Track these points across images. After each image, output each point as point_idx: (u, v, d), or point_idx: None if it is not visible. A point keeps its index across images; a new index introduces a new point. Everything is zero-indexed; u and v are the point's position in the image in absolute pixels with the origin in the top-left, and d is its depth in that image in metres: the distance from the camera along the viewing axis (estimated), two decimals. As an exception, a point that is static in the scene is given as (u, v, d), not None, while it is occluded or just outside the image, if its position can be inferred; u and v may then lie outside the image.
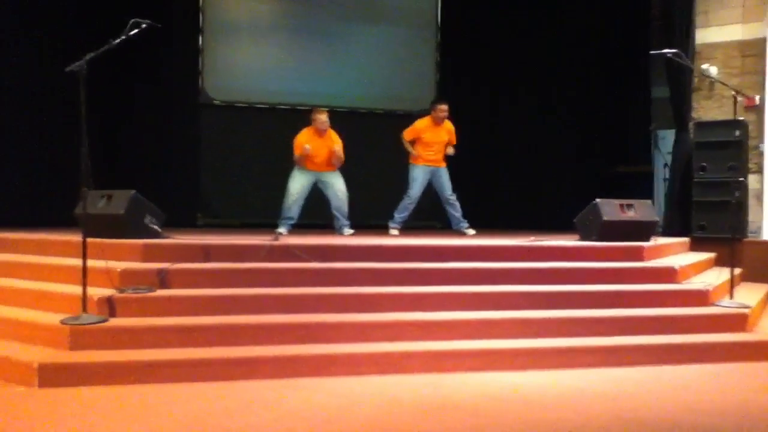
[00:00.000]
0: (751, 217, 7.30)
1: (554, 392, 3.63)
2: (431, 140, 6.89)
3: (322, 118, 6.57)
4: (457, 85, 8.98)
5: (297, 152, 6.54)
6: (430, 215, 8.61)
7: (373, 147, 8.67)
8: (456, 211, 7.00)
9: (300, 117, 6.98)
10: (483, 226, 7.22)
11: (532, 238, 5.72)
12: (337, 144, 6.63)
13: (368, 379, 3.76)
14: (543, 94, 8.79)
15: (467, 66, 9.09)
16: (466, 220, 7.00)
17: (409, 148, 6.90)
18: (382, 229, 7.03)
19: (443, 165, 6.98)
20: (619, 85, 8.49)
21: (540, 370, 4.01)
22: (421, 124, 6.93)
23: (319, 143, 6.58)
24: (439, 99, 7.24)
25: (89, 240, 3.99)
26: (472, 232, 6.92)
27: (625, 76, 8.44)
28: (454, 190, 7.02)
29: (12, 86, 7.35)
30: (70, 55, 4.21)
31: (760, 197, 7.30)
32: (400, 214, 6.97)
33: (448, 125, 6.97)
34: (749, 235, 7.21)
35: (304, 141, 6.54)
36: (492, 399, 3.48)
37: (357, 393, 3.52)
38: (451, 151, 6.93)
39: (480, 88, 8.98)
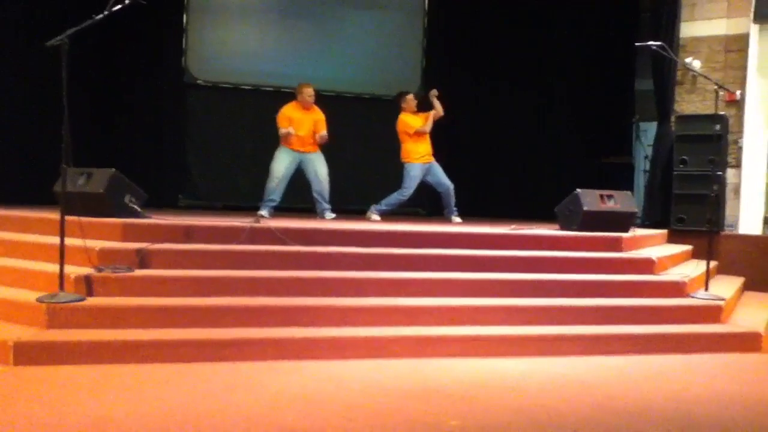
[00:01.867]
0: (729, 211, 7.41)
1: (535, 379, 3.67)
2: (421, 127, 6.85)
3: (309, 91, 6.59)
4: (444, 72, 8.94)
5: (281, 125, 6.51)
6: (414, 202, 8.61)
7: (359, 132, 8.64)
8: (452, 199, 6.99)
9: (285, 99, 6.92)
10: (466, 214, 7.24)
11: (513, 226, 5.75)
12: (320, 120, 6.61)
13: (352, 363, 3.77)
14: (527, 82, 8.81)
15: (454, 53, 9.06)
16: (456, 209, 7.01)
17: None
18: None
19: (433, 159, 6.98)
20: (603, 76, 8.53)
21: (521, 357, 4.05)
22: (408, 117, 6.91)
23: (303, 117, 6.58)
24: (404, 92, 7.18)
25: (68, 218, 3.94)
26: (459, 220, 6.93)
27: (609, 68, 8.48)
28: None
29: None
30: (51, 29, 4.12)
31: (738, 191, 7.41)
32: (388, 207, 6.90)
33: (424, 114, 6.95)
34: (726, 228, 7.32)
35: (289, 114, 6.54)
36: (475, 385, 3.51)
37: (341, 377, 3.53)
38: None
39: (466, 76, 8.96)
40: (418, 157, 6.88)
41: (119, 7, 4.11)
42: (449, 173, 7.03)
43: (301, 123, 6.57)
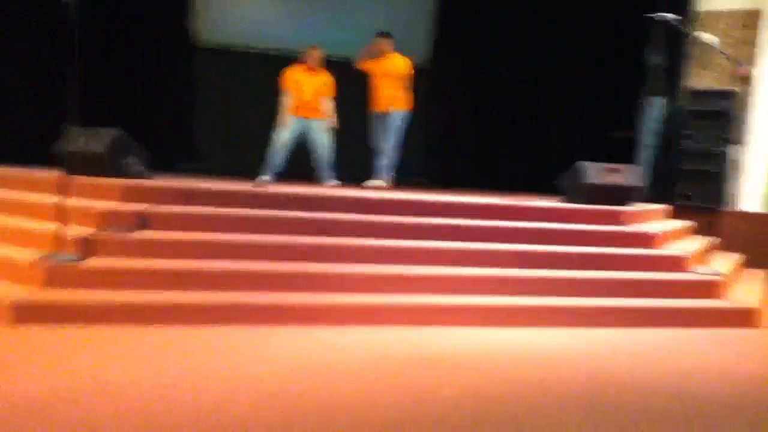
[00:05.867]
0: (733, 188, 7.35)
1: (531, 350, 3.69)
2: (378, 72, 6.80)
3: (318, 53, 6.54)
4: (455, 43, 8.85)
5: (284, 87, 6.47)
6: (418, 170, 8.59)
7: (367, 98, 8.56)
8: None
9: (290, 64, 6.86)
10: (477, 186, 7.19)
11: (512, 197, 5.72)
12: (328, 83, 6.56)
13: (353, 329, 3.80)
14: (538, 56, 8.69)
15: (464, 21, 8.92)
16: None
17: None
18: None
19: (383, 109, 6.83)
20: (613, 49, 8.39)
21: (518, 327, 4.08)
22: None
23: (309, 80, 6.53)
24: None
25: (70, 178, 3.94)
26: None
27: (620, 41, 8.34)
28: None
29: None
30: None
31: (742, 169, 7.35)
32: (389, 165, 6.88)
33: (396, 61, 6.81)
34: (729, 205, 7.28)
35: (293, 76, 6.51)
36: (476, 354, 3.54)
37: (342, 343, 3.56)
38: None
39: (477, 49, 8.85)
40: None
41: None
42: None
43: (307, 86, 6.51)
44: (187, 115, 8.56)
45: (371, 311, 3.95)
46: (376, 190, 6.24)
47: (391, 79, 6.74)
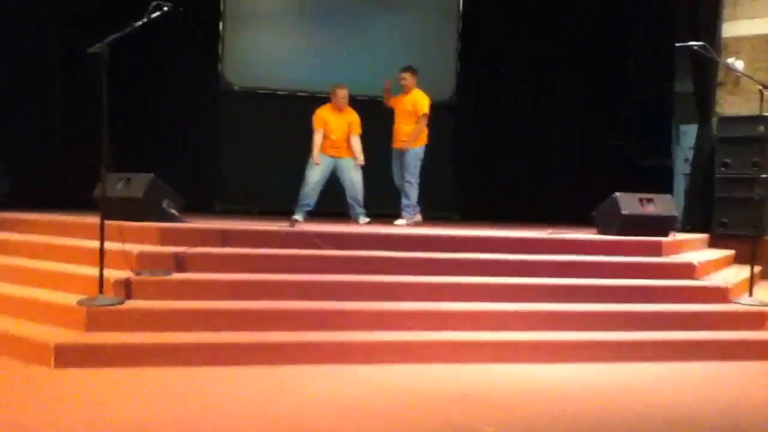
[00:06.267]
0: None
1: (572, 386, 3.60)
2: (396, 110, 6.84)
3: (343, 93, 6.60)
4: (478, 76, 8.91)
5: (315, 126, 6.54)
6: (447, 206, 8.58)
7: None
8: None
9: (319, 104, 6.95)
10: (501, 218, 7.16)
11: (549, 231, 5.67)
12: (354, 121, 6.64)
13: (387, 367, 3.75)
14: (565, 85, 8.72)
15: (488, 56, 9.00)
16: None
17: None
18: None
19: (398, 146, 6.84)
20: (641, 78, 8.38)
21: (558, 363, 3.98)
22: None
23: (337, 119, 6.60)
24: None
25: (107, 222, 4.00)
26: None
27: (648, 69, 8.33)
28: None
29: (32, 67, 7.39)
30: (91, 35, 4.21)
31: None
32: (410, 204, 6.83)
33: (414, 97, 6.79)
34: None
35: (323, 116, 6.58)
36: (512, 391, 3.46)
37: (376, 381, 3.51)
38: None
39: (501, 79, 8.91)
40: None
41: (158, 14, 4.17)
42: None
43: (336, 126, 6.59)
44: (218, 157, 8.70)
45: (407, 349, 3.90)
46: (405, 227, 6.22)
47: (409, 116, 6.76)
